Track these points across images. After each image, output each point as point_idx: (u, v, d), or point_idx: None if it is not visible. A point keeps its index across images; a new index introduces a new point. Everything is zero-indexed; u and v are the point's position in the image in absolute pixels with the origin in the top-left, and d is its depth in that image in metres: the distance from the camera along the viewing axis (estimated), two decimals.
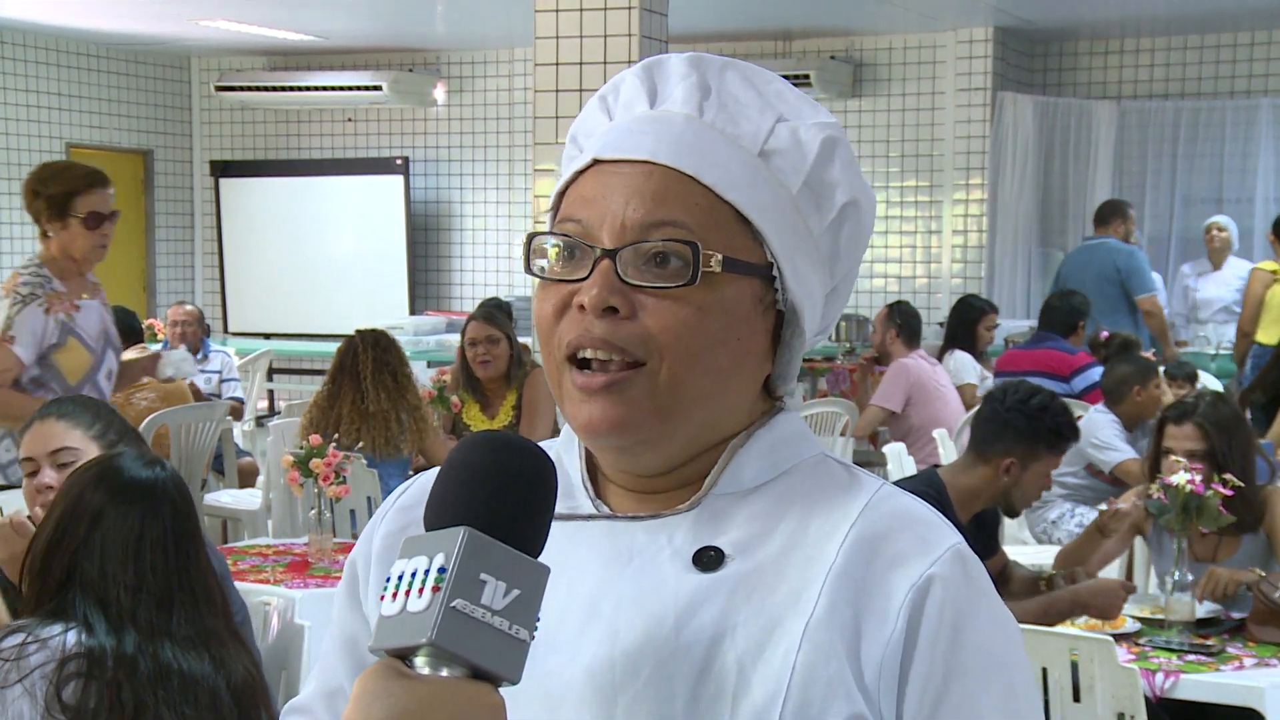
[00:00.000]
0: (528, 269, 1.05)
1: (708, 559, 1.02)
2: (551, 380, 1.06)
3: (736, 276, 1.02)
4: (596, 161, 1.05)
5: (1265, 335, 7.73)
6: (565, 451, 1.12)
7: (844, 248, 1.10)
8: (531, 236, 1.05)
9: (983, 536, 3.66)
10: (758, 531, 1.04)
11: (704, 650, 1.00)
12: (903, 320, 6.86)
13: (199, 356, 7.20)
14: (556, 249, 1.04)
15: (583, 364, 1.03)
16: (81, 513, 2.26)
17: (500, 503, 0.92)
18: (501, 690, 0.91)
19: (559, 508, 1.07)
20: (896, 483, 3.88)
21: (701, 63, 1.09)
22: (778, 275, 1.04)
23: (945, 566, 1.01)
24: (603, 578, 1.04)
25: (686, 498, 1.06)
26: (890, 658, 0.99)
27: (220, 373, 7.29)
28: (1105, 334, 6.91)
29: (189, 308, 7.39)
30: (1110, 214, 8.15)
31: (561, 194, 1.07)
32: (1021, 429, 3.52)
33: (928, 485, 3.51)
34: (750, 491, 1.06)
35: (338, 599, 1.15)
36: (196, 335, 7.28)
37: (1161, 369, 6.14)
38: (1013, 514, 3.72)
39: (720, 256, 1.01)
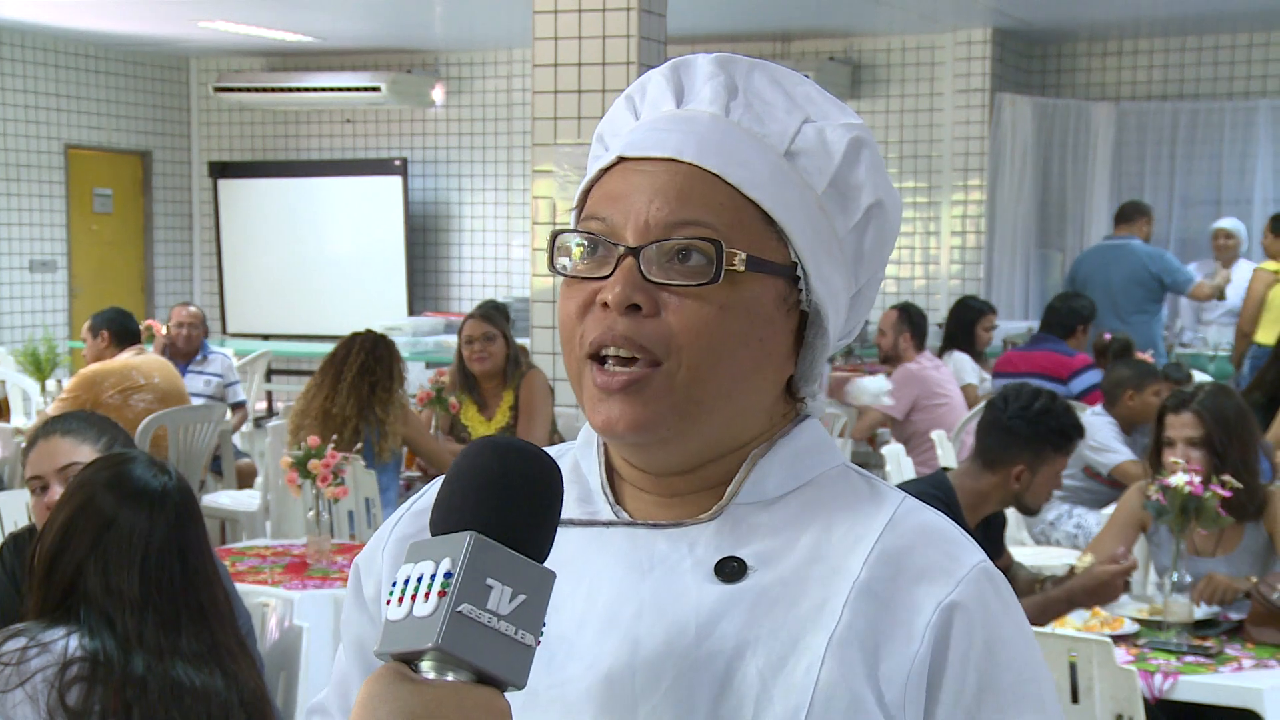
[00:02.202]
0: (551, 267, 1.05)
1: (730, 570, 1.02)
2: (572, 378, 1.05)
3: (760, 276, 1.02)
4: (622, 159, 1.05)
5: (1265, 335, 7.73)
6: (583, 456, 1.11)
7: (869, 250, 1.09)
8: (556, 234, 1.05)
9: (991, 538, 3.67)
10: (780, 543, 1.03)
11: (726, 662, 0.99)
12: (914, 320, 6.80)
13: (198, 358, 7.19)
14: (581, 247, 1.03)
15: (603, 361, 1.02)
16: (89, 517, 2.24)
17: (506, 508, 0.92)
18: (521, 696, 0.91)
19: (578, 513, 1.07)
20: (902, 484, 3.88)
21: (729, 63, 1.08)
22: (802, 276, 1.04)
23: (973, 585, 1.01)
24: (623, 585, 1.03)
25: (706, 503, 1.05)
26: (916, 676, 0.98)
27: (221, 376, 7.26)
28: (1108, 336, 6.91)
29: (192, 309, 7.30)
30: (1135, 213, 8.21)
31: (586, 192, 1.07)
32: (1027, 436, 3.51)
33: (936, 488, 3.50)
34: (772, 501, 1.05)
35: (346, 601, 1.15)
36: (198, 337, 7.24)
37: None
38: (1029, 513, 3.72)
39: (744, 255, 1.00)
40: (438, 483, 1.14)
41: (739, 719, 0.98)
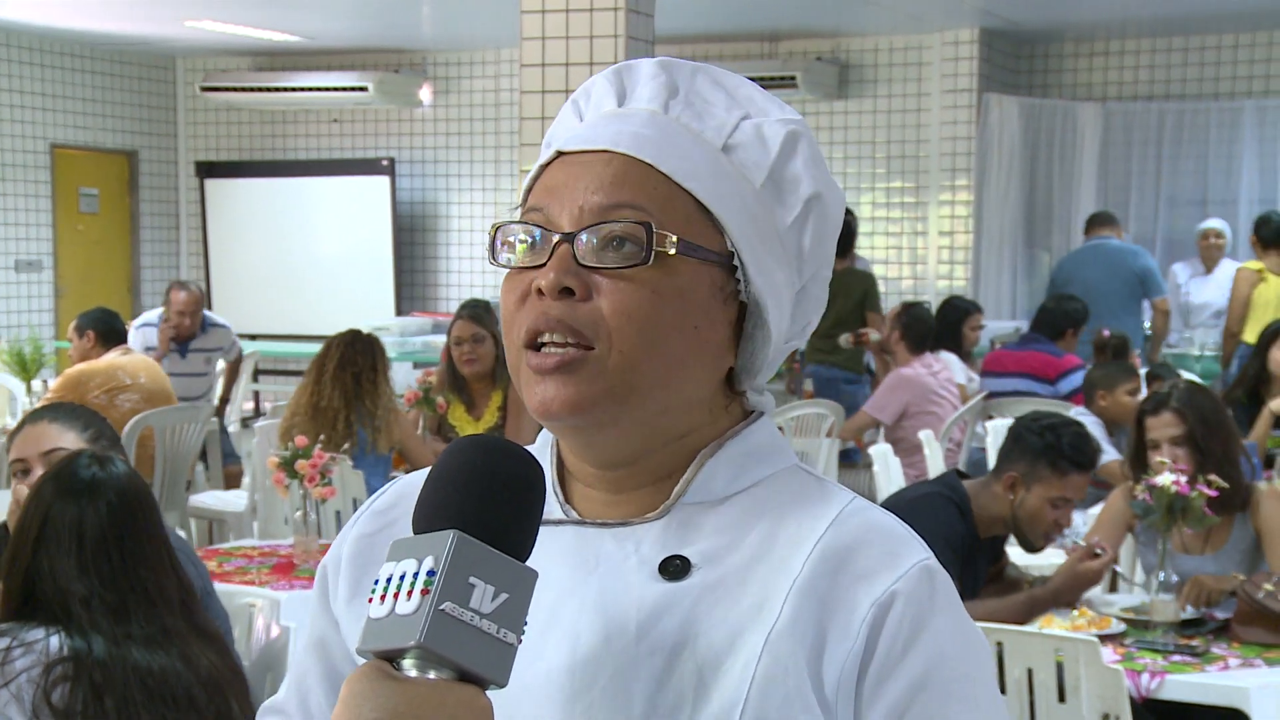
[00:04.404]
0: (493, 260, 1.06)
1: (674, 568, 1.02)
2: (512, 369, 1.06)
3: (694, 262, 1.03)
4: (560, 154, 1.07)
5: (1252, 335, 7.75)
6: (539, 456, 1.10)
7: (810, 243, 1.09)
8: (496, 227, 1.06)
9: (995, 546, 3.67)
10: (726, 542, 1.04)
11: (664, 658, 0.99)
12: (907, 322, 6.71)
13: (201, 332, 7.21)
14: (520, 239, 1.05)
15: (538, 348, 1.03)
16: (34, 515, 2.27)
17: (489, 507, 0.92)
18: None
19: None
20: (915, 484, 3.87)
21: (671, 65, 1.10)
22: (739, 265, 1.05)
23: (910, 582, 1.00)
24: (567, 583, 1.04)
25: (654, 501, 1.06)
26: (849, 671, 0.99)
27: (222, 349, 7.37)
28: (1106, 333, 6.90)
29: (189, 292, 7.18)
30: (1108, 219, 8.42)
31: (529, 190, 1.09)
32: (1026, 446, 3.51)
33: (951, 489, 3.50)
34: (720, 501, 1.06)
35: (311, 601, 1.16)
36: (198, 322, 7.26)
37: (1144, 370, 6.17)
38: (1028, 548, 3.62)
39: (675, 238, 1.01)
40: (397, 482, 1.15)
41: (676, 715, 0.98)
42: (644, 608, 1.01)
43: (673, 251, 1.01)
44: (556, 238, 1.02)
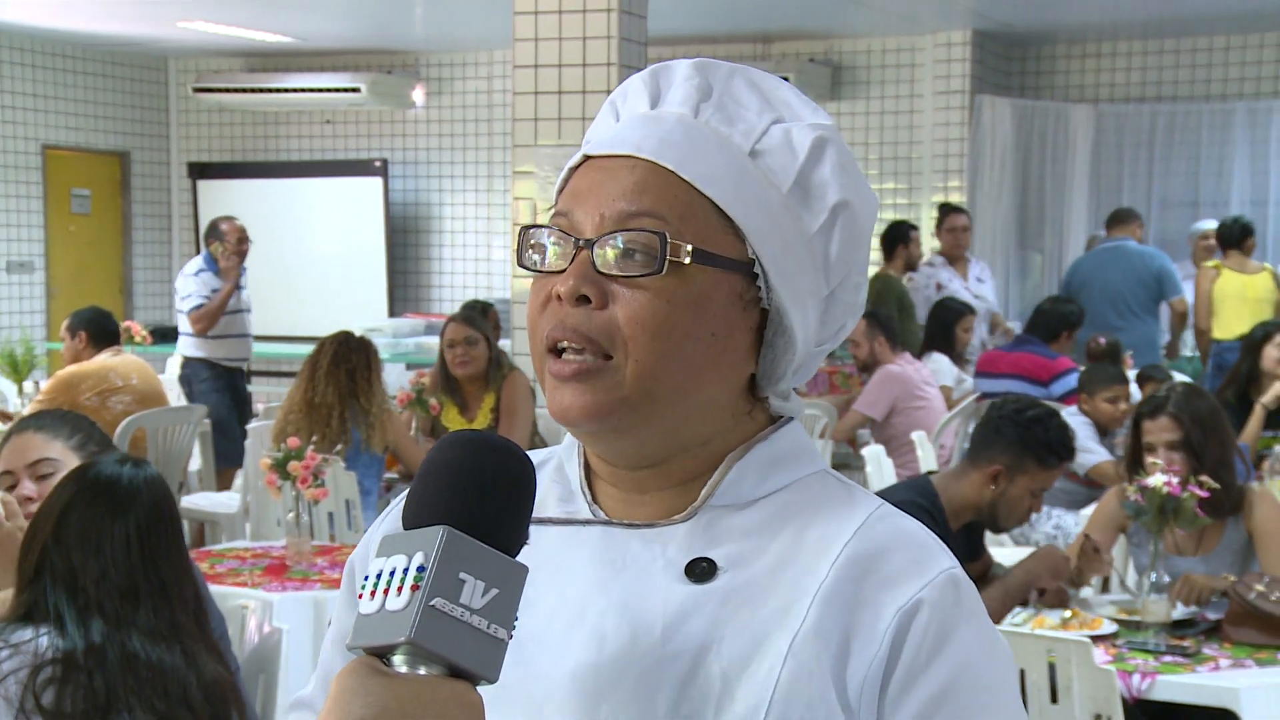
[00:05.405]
0: (520, 262, 1.07)
1: (700, 570, 1.03)
2: (536, 372, 1.07)
3: (710, 269, 1.02)
4: (588, 158, 1.07)
5: (1221, 330, 7.85)
6: (567, 458, 1.12)
7: (838, 251, 1.08)
8: (525, 229, 1.07)
9: (972, 540, 3.67)
10: (752, 545, 1.04)
11: (689, 661, 1.00)
12: (883, 323, 6.80)
13: (244, 270, 7.56)
14: (545, 242, 1.06)
15: (560, 353, 1.04)
16: (53, 506, 2.28)
17: (479, 502, 0.93)
18: (488, 690, 0.91)
19: (558, 512, 1.08)
20: (885, 489, 3.87)
21: (707, 67, 1.10)
22: (760, 273, 1.04)
23: (936, 590, 1.01)
24: (594, 583, 1.04)
25: (677, 503, 1.06)
26: (872, 678, 0.99)
27: (246, 288, 7.59)
28: (1102, 340, 6.94)
29: (236, 220, 7.48)
30: (1129, 217, 8.43)
31: (559, 193, 1.09)
32: (1011, 438, 3.52)
33: (920, 494, 3.50)
34: (747, 505, 1.06)
35: (339, 596, 1.17)
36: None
37: (1133, 372, 6.20)
38: (996, 529, 3.66)
39: (690, 247, 1.01)
40: None
41: (699, 718, 0.99)
42: (670, 610, 1.01)
43: (687, 261, 1.01)
44: (578, 244, 1.03)
